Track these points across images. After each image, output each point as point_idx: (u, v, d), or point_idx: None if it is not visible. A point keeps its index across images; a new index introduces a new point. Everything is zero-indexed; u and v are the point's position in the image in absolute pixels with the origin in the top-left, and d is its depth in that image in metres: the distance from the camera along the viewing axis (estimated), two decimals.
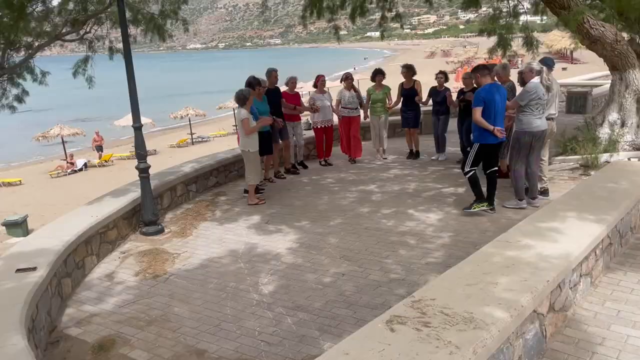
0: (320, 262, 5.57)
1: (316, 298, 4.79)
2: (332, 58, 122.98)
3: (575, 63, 48.54)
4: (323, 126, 9.97)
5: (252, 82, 7.98)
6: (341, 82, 10.20)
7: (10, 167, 29.25)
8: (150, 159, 7.12)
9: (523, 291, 2.79)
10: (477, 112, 6.35)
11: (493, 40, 9.01)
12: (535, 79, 6.57)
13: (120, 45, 9.26)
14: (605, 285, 4.10)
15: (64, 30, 8.07)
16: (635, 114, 7.99)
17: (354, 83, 10.53)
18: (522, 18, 8.20)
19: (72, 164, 25.86)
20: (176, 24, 8.20)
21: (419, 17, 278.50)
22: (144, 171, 6.59)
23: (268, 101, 8.75)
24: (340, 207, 7.46)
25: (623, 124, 8.10)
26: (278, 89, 9.22)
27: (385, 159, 10.30)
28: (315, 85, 9.96)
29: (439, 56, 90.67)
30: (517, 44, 8.23)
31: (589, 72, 23.36)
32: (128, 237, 6.61)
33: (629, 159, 7.95)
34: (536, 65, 6.62)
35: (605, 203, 4.40)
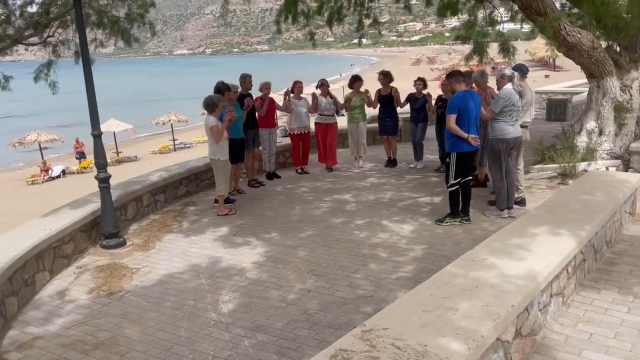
0: (286, 278, 5.31)
1: (278, 317, 4.52)
2: (319, 64, 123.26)
3: (557, 70, 48.89)
4: (299, 132, 9.73)
5: (221, 88, 7.71)
6: (317, 88, 9.98)
7: None
8: (131, 166, 6.92)
9: (484, 318, 2.55)
10: (451, 120, 6.15)
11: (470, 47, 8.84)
12: (508, 85, 6.40)
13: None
14: (578, 305, 3.88)
15: (26, 34, 7.74)
16: (612, 122, 7.85)
17: (331, 90, 10.29)
18: (502, 25, 8.05)
19: (47, 171, 25.30)
20: (143, 28, 7.89)
21: (405, 25, 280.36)
22: (104, 181, 6.28)
23: (242, 107, 8.49)
24: (313, 217, 7.20)
25: (601, 132, 7.95)
26: (251, 95, 8.96)
27: (362, 167, 10.09)
28: (292, 91, 9.72)
29: (424, 63, 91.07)
30: (494, 50, 8.08)
31: (571, 79, 23.40)
32: (87, 250, 6.29)
33: (607, 168, 7.81)
34: (507, 71, 6.47)
35: (579, 216, 4.19)
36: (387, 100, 9.75)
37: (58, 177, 25.28)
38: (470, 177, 6.53)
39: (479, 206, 6.97)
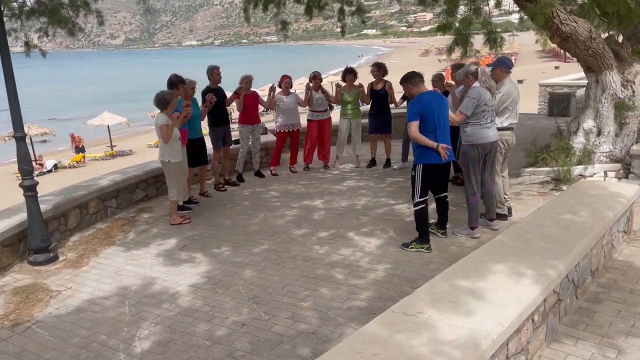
0: (222, 306, 4.58)
1: None
2: (327, 55, 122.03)
3: (568, 61, 47.50)
4: (288, 130, 8.98)
5: (175, 81, 6.94)
6: (310, 81, 9.21)
7: None
8: (124, 159, 6.20)
9: None
10: (413, 127, 5.24)
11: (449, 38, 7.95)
12: (476, 84, 5.58)
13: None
14: None
15: None
16: (612, 122, 7.01)
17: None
18: (489, 12, 7.20)
19: (42, 165, 24.84)
20: (88, 18, 7.15)
21: (415, 15, 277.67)
22: (29, 189, 5.58)
23: (215, 103, 7.76)
24: (274, 228, 6.47)
25: (599, 133, 7.11)
26: (221, 88, 8.21)
27: (358, 167, 9.33)
28: (279, 85, 8.97)
29: (433, 54, 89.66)
30: (480, 42, 7.26)
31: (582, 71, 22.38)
32: (11, 267, 5.60)
33: (605, 173, 6.99)
34: (472, 67, 5.63)
35: (554, 246, 3.42)
36: (380, 95, 8.94)
37: (50, 171, 24.79)
38: (445, 194, 5.63)
39: (458, 219, 6.20)
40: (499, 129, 5.99)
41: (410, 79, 5.38)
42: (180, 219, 6.72)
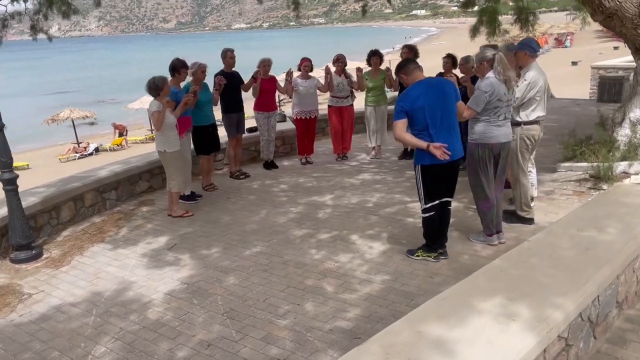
0: (193, 321, 4.10)
1: None
2: (374, 37, 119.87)
3: None
4: (305, 117, 8.44)
5: (176, 65, 6.53)
6: (333, 64, 8.61)
7: (27, 150, 29.01)
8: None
9: None
10: (397, 127, 4.45)
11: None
12: (491, 74, 4.79)
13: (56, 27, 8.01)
14: None
15: None
16: None
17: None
18: None
19: (85, 148, 25.32)
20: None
21: None
22: (9, 182, 5.25)
23: (224, 89, 7.31)
24: (273, 227, 5.96)
25: None
26: (236, 73, 7.72)
27: (379, 158, 8.72)
28: (298, 69, 8.42)
29: (484, 34, 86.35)
30: (508, 20, 6.41)
31: None
32: None
33: None
34: (489, 52, 4.81)
35: (568, 274, 2.72)
36: None
37: (90, 154, 25.20)
38: (449, 199, 4.78)
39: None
40: (525, 123, 5.22)
41: (403, 67, 4.60)
42: (181, 212, 6.32)
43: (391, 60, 41.68)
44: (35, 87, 57.81)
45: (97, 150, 25.71)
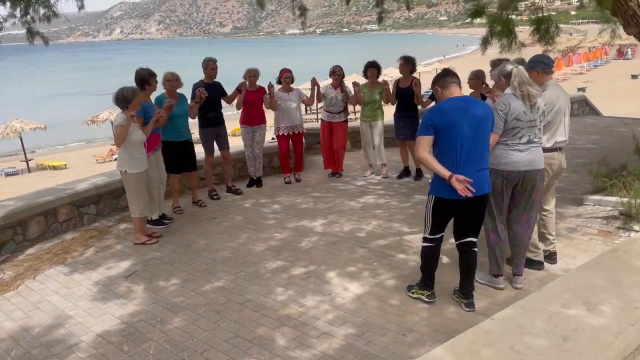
0: None
1: None
2: (425, 44, 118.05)
3: None
4: (288, 133, 7.81)
5: (144, 77, 5.92)
6: (330, 76, 7.96)
7: (69, 150, 29.72)
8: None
9: None
10: (421, 145, 3.80)
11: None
12: (509, 90, 4.04)
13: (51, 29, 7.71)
14: None
15: None
16: None
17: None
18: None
19: (112, 152, 25.53)
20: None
21: (524, 2, 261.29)
22: None
23: (205, 100, 6.77)
24: (247, 256, 5.33)
25: None
26: (217, 84, 7.18)
27: (386, 177, 7.97)
28: (278, 82, 7.80)
29: (540, 45, 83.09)
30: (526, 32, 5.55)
31: None
32: None
33: None
34: (509, 66, 4.07)
35: None
36: (407, 94, 7.49)
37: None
38: (471, 240, 4.02)
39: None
40: (543, 150, 4.41)
41: (440, 79, 3.92)
42: (145, 238, 5.74)
43: (437, 69, 40.76)
44: (90, 87, 59.79)
45: None
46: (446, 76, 3.95)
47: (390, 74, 28.08)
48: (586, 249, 4.99)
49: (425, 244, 4.09)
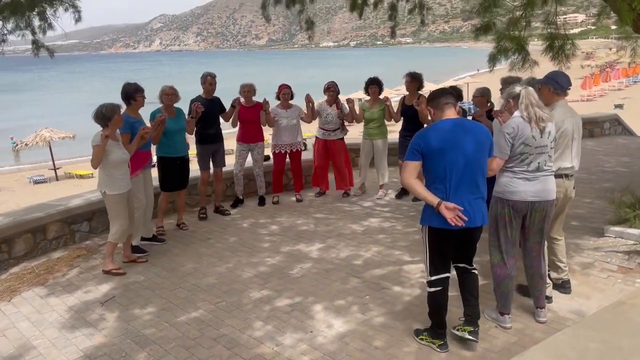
0: None
1: None
2: (458, 58, 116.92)
3: None
4: (287, 151, 7.50)
5: (129, 92, 5.64)
6: (324, 93, 7.64)
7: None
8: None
9: None
10: (407, 170, 3.50)
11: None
12: (517, 113, 3.65)
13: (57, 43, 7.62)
14: None
15: None
16: None
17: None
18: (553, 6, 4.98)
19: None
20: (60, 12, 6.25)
21: (564, 16, 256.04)
22: None
23: (202, 116, 6.54)
24: (233, 283, 5.00)
25: None
26: (217, 99, 6.95)
27: (379, 199, 7.60)
28: (277, 98, 7.52)
29: (579, 58, 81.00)
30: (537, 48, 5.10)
31: None
32: None
33: None
34: (518, 87, 3.69)
35: None
36: (412, 112, 7.10)
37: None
38: (473, 267, 3.72)
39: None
40: None
41: (434, 99, 3.58)
42: (111, 266, 5.28)
43: (469, 83, 39.73)
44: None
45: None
46: (440, 97, 3.59)
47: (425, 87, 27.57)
48: (603, 287, 4.48)
49: (431, 289, 3.66)
